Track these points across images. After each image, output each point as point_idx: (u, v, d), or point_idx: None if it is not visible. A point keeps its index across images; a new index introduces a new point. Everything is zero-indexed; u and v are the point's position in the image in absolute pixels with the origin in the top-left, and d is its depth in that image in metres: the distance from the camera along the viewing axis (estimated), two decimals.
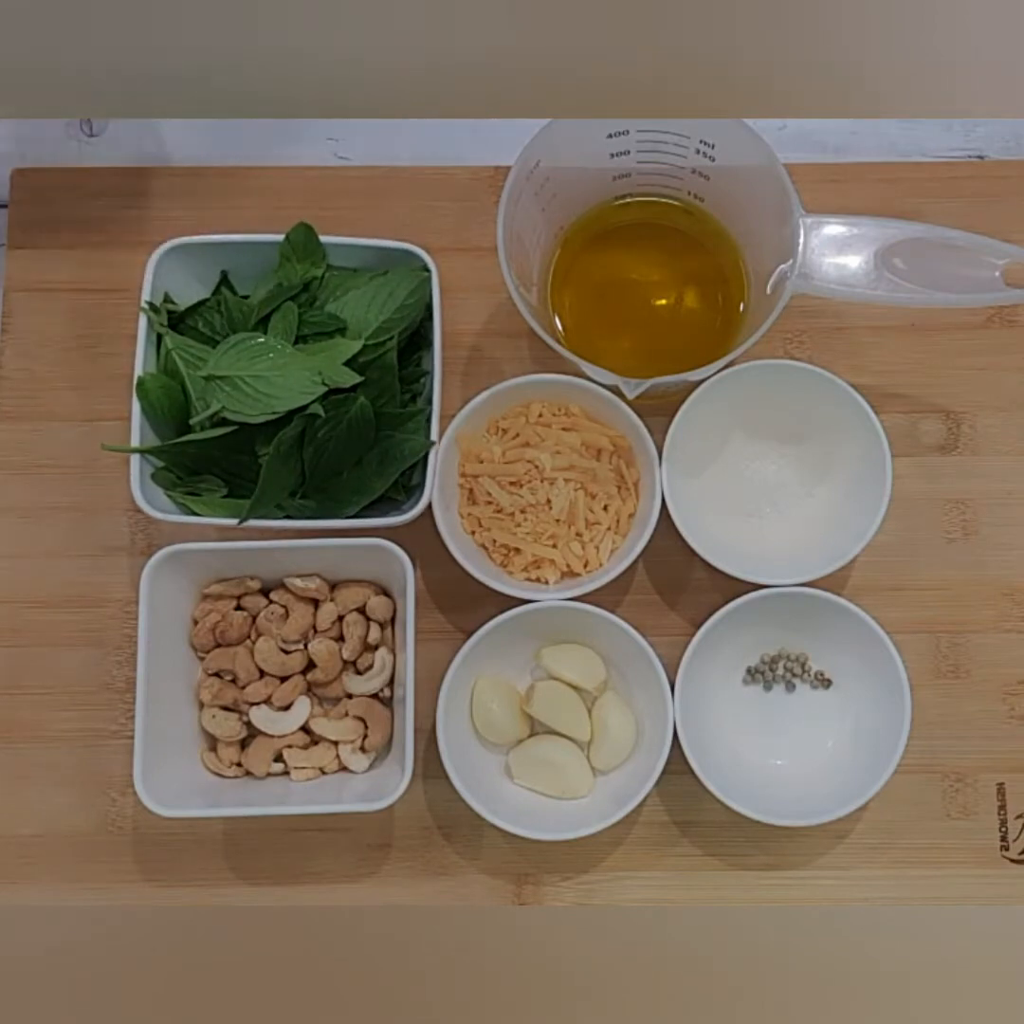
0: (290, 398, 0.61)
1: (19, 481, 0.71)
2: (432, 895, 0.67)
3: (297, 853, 0.67)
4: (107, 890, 0.67)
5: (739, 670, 0.69)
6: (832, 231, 0.60)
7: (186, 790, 0.63)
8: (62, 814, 0.68)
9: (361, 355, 0.63)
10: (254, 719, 0.66)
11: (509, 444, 0.67)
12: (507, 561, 0.67)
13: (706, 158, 0.63)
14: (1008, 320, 0.73)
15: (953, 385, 0.72)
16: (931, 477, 0.71)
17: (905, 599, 0.70)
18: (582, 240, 0.69)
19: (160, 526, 0.70)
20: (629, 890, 0.67)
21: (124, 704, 0.68)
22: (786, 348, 0.72)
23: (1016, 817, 0.68)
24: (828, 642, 0.68)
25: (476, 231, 0.73)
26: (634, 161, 0.65)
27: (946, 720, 0.69)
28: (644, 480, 0.67)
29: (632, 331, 0.69)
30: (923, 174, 0.74)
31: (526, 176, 0.61)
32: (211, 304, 0.66)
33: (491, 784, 0.66)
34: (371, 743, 0.66)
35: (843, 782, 0.65)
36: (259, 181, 0.74)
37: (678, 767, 0.64)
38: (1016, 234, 0.68)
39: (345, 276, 0.66)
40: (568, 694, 0.67)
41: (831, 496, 0.69)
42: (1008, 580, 0.70)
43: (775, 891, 0.67)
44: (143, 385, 0.63)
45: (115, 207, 0.73)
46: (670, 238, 0.69)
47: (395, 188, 0.74)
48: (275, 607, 0.67)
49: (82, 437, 0.71)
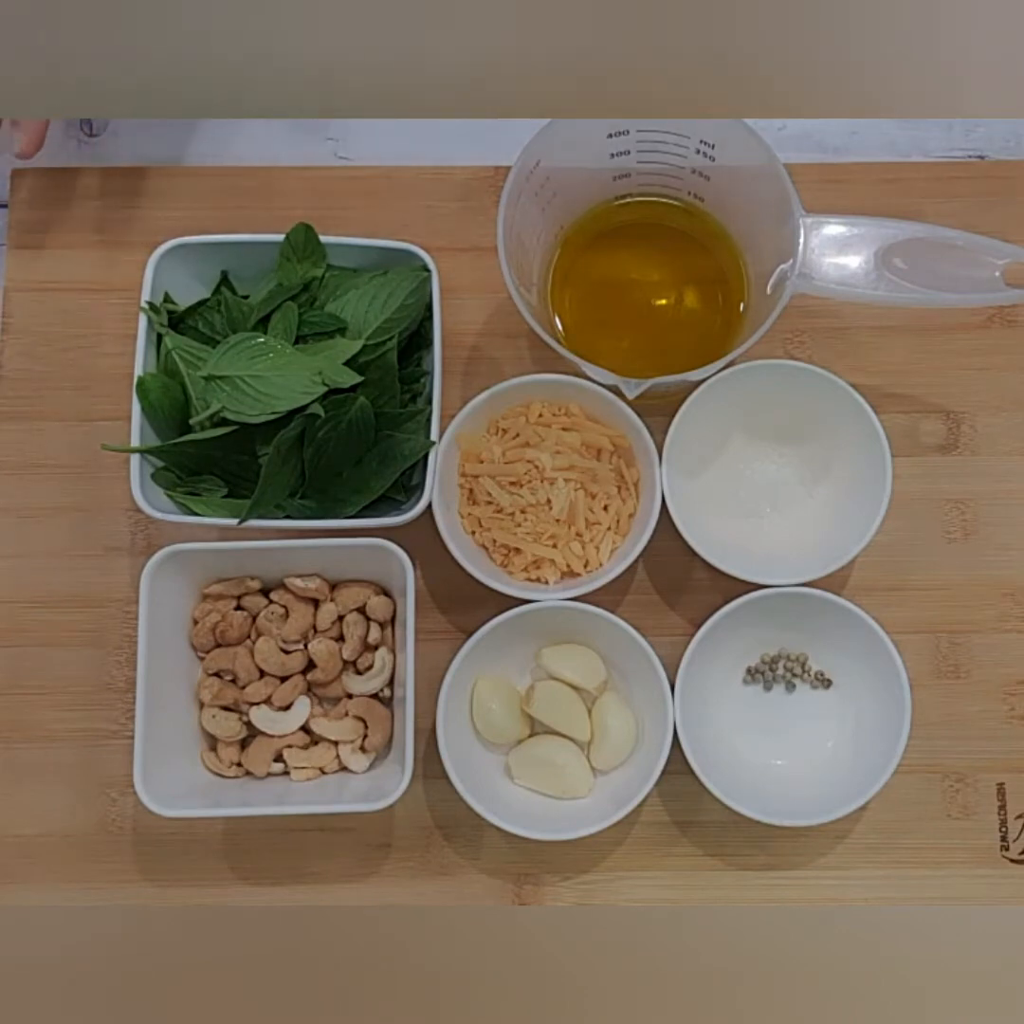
0: (290, 398, 0.61)
1: (19, 481, 0.71)
2: (432, 895, 0.67)
3: (297, 853, 0.68)
4: (107, 890, 0.67)
5: (739, 670, 0.69)
6: (832, 231, 0.60)
7: (186, 790, 0.63)
8: (62, 814, 0.68)
9: (361, 355, 0.63)
10: (254, 719, 0.66)
11: (509, 444, 0.67)
12: (507, 561, 0.67)
13: (706, 158, 0.63)
14: (1008, 320, 0.73)
15: (953, 385, 0.72)
16: (931, 477, 0.71)
17: (905, 599, 0.70)
18: (582, 240, 0.69)
19: (160, 526, 0.70)
20: (629, 890, 0.67)
21: (124, 704, 0.68)
22: (786, 348, 0.72)
23: (1016, 817, 0.68)
24: (828, 642, 0.68)
25: (476, 231, 0.73)
26: (634, 161, 0.65)
27: (946, 720, 0.69)
28: (644, 480, 0.67)
29: (632, 331, 0.69)
30: (923, 174, 0.74)
31: (526, 176, 0.61)
32: (211, 304, 0.66)
33: (491, 784, 0.66)
34: (371, 743, 0.66)
35: (843, 782, 0.65)
36: (259, 181, 0.74)
37: (678, 767, 0.64)
38: (1016, 234, 0.68)
39: (345, 276, 0.66)
40: (568, 694, 0.67)
41: (831, 496, 0.69)
42: (1008, 580, 0.70)
43: (775, 891, 0.67)
44: (143, 385, 0.63)
45: (115, 207, 0.74)
46: (670, 238, 0.69)
47: (395, 188, 0.74)
48: (275, 607, 0.67)
49: (82, 437, 0.71)
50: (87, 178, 0.74)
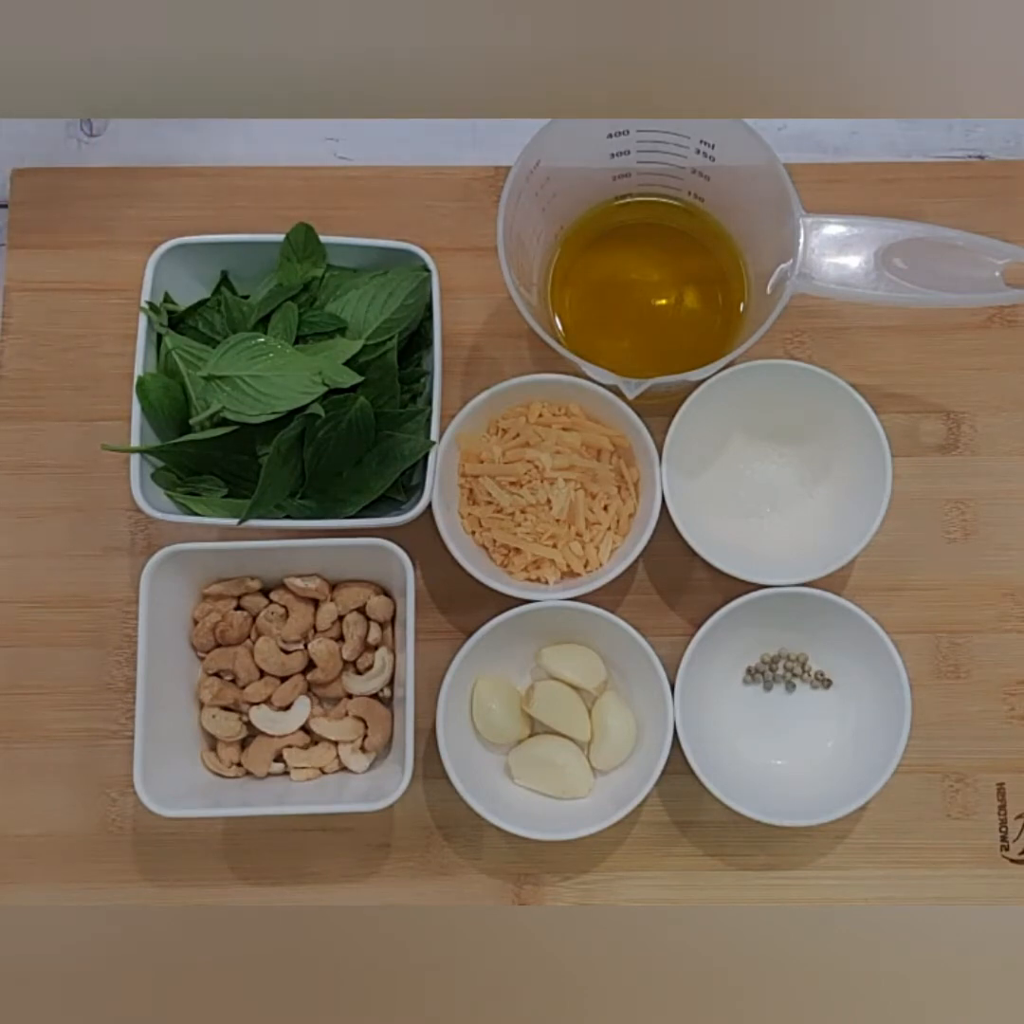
0: (290, 398, 0.61)
1: (19, 481, 0.71)
2: (432, 895, 0.67)
3: (297, 853, 0.68)
4: (107, 890, 0.67)
5: (739, 670, 0.69)
6: (832, 231, 0.60)
7: (186, 790, 0.63)
8: (62, 814, 0.68)
9: (361, 355, 0.63)
10: (254, 719, 0.66)
11: (509, 444, 0.67)
12: (507, 561, 0.67)
13: (706, 158, 0.63)
14: (1008, 320, 0.73)
15: (953, 385, 0.72)
16: (931, 477, 0.71)
17: (905, 599, 0.70)
18: (582, 240, 0.69)
19: (160, 526, 0.70)
20: (629, 890, 0.67)
21: (124, 704, 0.68)
22: (786, 348, 0.72)
23: (1016, 817, 0.68)
24: (828, 642, 0.68)
25: (476, 231, 0.73)
26: (634, 161, 0.65)
27: (946, 720, 0.69)
28: (644, 480, 0.67)
29: (632, 331, 0.69)
30: (923, 174, 0.74)
31: (526, 176, 0.61)
32: (211, 304, 0.66)
33: (491, 784, 0.66)
34: (371, 743, 0.66)
35: (843, 782, 0.65)
36: (259, 181, 0.74)
37: (678, 767, 0.64)
38: (1016, 234, 0.68)
39: (345, 276, 0.66)
40: (568, 694, 0.67)
41: (831, 496, 0.69)
42: (1008, 580, 0.70)
43: (775, 891, 0.67)
44: (143, 385, 0.63)
45: (115, 207, 0.74)
46: (670, 238, 0.69)
47: (395, 188, 0.74)
48: (275, 607, 0.67)
49: (82, 437, 0.71)
50: (87, 178, 0.74)
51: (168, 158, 0.75)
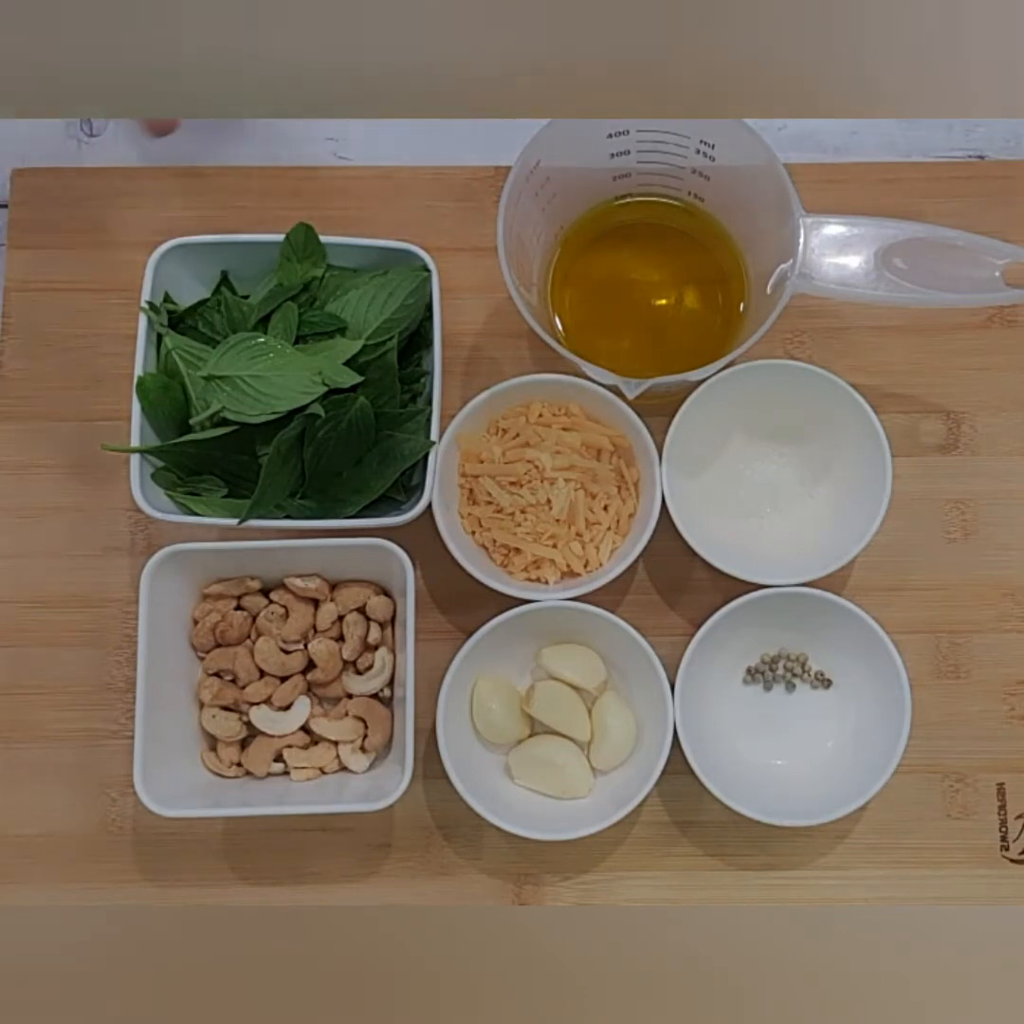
0: (290, 398, 0.61)
1: (19, 481, 0.71)
2: (432, 895, 0.67)
3: (297, 853, 0.68)
4: (107, 890, 0.67)
5: (739, 670, 0.69)
6: (832, 231, 0.60)
7: (186, 790, 0.63)
8: (62, 814, 0.68)
9: (361, 355, 0.63)
10: (254, 719, 0.66)
11: (509, 444, 0.67)
12: (507, 561, 0.67)
13: (706, 158, 0.63)
14: (1008, 320, 0.73)
15: (953, 385, 0.72)
16: (931, 477, 0.71)
17: (905, 599, 0.70)
18: (582, 240, 0.69)
19: (160, 526, 0.70)
20: (629, 890, 0.67)
21: (124, 704, 0.68)
22: (786, 348, 0.72)
23: (1016, 817, 0.68)
24: (828, 642, 0.68)
25: (476, 231, 0.73)
26: (634, 161, 0.65)
27: (946, 720, 0.69)
28: (644, 480, 0.67)
29: (632, 331, 0.69)
30: (923, 174, 0.74)
31: (526, 176, 0.61)
32: (211, 304, 0.66)
33: (491, 784, 0.66)
34: (371, 743, 0.66)
35: (843, 782, 0.65)
36: (259, 181, 0.74)
37: (678, 767, 0.64)
38: (1016, 234, 0.68)
39: (345, 276, 0.66)
40: (568, 694, 0.67)
41: (831, 496, 0.69)
42: (1008, 580, 0.70)
43: (775, 891, 0.67)
44: (143, 385, 0.63)
45: (115, 207, 0.73)
46: (670, 238, 0.69)
47: (395, 188, 0.74)
48: (275, 607, 0.67)
49: (82, 437, 0.71)
50: (87, 178, 0.74)
51: (168, 158, 0.75)
